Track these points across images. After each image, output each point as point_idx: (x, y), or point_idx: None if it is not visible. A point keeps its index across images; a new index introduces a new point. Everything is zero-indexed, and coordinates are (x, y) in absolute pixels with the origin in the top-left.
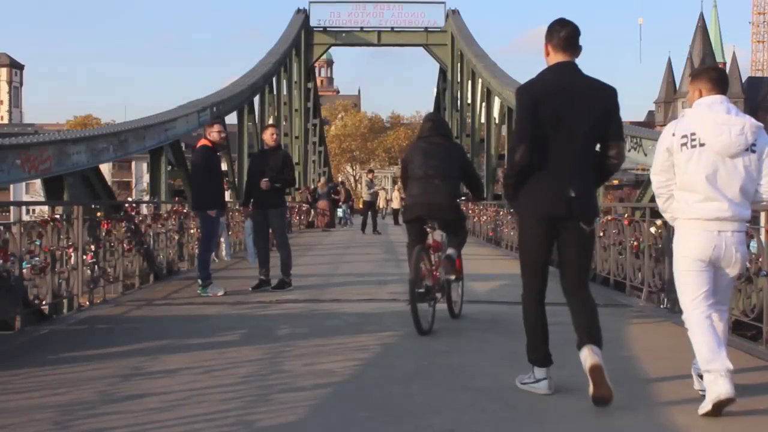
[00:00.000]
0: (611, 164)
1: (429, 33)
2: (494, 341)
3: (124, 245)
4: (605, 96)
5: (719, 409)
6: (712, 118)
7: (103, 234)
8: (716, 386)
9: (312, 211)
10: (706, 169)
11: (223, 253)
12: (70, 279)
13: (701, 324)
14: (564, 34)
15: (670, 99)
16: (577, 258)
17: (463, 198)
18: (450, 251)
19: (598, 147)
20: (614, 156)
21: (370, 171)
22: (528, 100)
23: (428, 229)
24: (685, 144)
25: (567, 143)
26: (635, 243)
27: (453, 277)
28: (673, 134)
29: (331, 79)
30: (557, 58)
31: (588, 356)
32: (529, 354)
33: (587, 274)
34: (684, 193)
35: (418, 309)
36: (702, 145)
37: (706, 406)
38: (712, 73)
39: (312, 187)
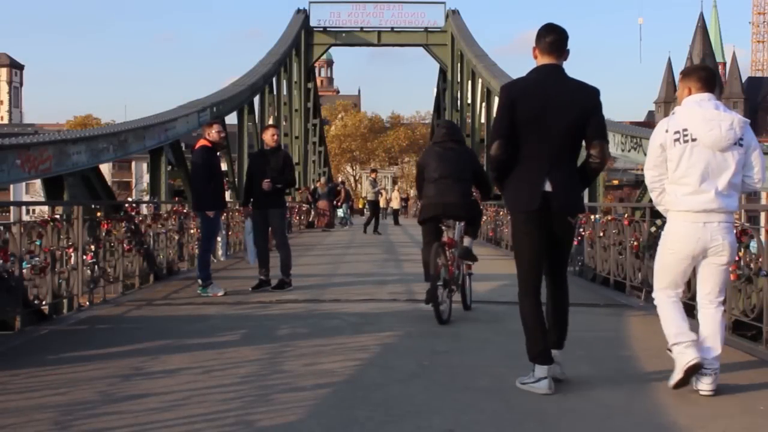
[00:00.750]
0: (593, 163)
1: (429, 33)
2: (494, 341)
3: (124, 245)
4: (585, 96)
5: (689, 375)
6: (702, 114)
7: (103, 234)
8: (684, 355)
9: (312, 212)
10: (698, 163)
11: (219, 253)
12: (70, 279)
13: (667, 302)
14: (550, 39)
15: (670, 99)
16: (557, 250)
17: (472, 198)
18: (466, 240)
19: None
20: (596, 155)
21: (373, 171)
22: (507, 98)
23: (443, 228)
24: (678, 139)
25: (544, 141)
26: (635, 243)
27: (472, 262)
28: (666, 130)
29: (331, 79)
30: (543, 60)
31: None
32: (529, 352)
33: (566, 265)
34: (675, 186)
35: (437, 301)
36: (694, 140)
37: (676, 375)
38: (701, 73)
39: (312, 187)
